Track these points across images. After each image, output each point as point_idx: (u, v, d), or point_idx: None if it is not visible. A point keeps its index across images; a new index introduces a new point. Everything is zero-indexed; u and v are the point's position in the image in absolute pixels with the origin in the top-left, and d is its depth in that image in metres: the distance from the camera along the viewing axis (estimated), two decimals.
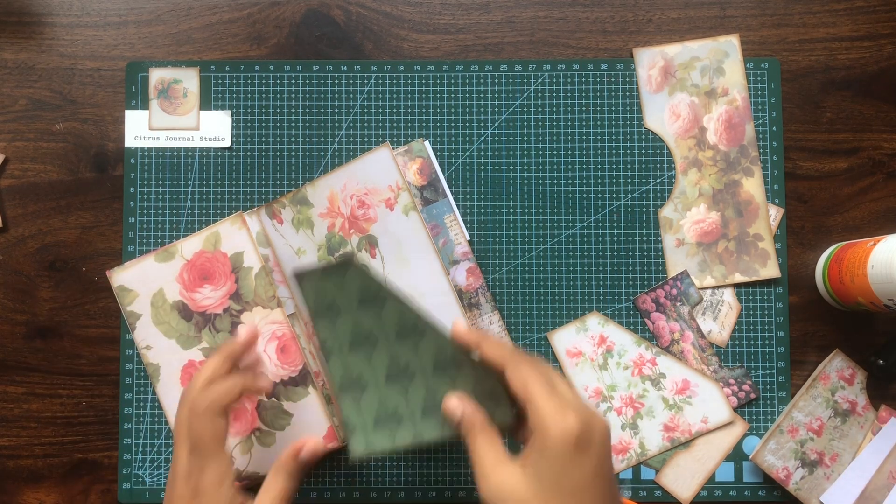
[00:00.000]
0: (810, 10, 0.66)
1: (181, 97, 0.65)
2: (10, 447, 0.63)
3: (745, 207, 0.64)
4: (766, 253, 0.64)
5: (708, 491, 0.63)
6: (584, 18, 0.66)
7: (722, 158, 0.65)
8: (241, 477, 0.62)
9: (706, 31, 0.66)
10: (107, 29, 0.66)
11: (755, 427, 0.64)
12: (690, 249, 0.64)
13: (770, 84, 0.65)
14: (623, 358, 0.64)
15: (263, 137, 0.65)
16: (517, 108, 0.65)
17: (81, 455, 0.64)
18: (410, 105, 0.65)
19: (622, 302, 0.64)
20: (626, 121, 0.65)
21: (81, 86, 0.65)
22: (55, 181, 0.65)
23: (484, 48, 0.66)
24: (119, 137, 0.65)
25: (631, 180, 0.65)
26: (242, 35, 0.66)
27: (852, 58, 0.66)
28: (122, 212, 0.64)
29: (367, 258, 0.63)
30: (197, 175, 0.65)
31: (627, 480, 0.63)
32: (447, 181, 0.64)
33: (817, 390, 0.63)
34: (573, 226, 0.65)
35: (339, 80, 0.65)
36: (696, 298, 0.64)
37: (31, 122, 0.65)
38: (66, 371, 0.64)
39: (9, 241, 0.64)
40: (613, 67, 0.65)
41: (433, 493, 0.63)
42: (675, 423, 0.63)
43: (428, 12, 0.66)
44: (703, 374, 0.64)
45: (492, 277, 0.64)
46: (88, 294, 0.64)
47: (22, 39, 0.65)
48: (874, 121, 0.65)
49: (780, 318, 0.64)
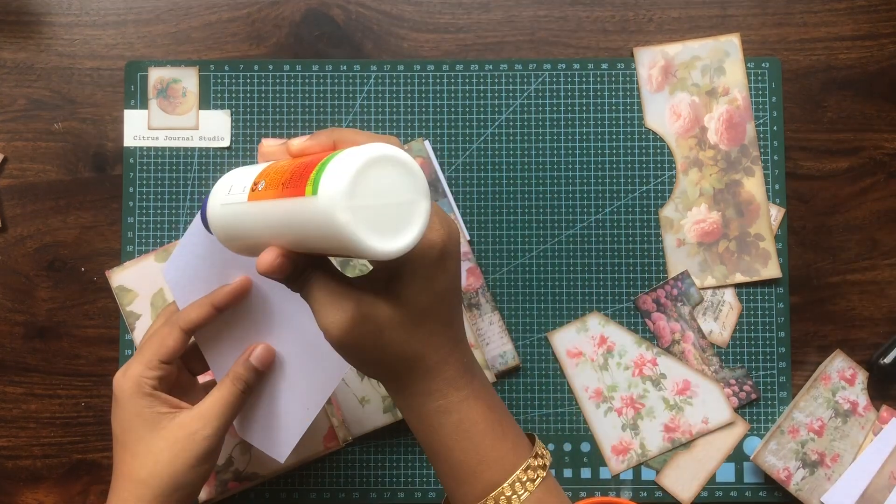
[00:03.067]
0: (811, 10, 0.66)
1: (180, 97, 0.65)
2: (9, 448, 0.63)
3: (746, 207, 0.64)
4: (767, 253, 0.64)
5: (708, 492, 0.63)
6: (584, 18, 0.66)
7: (723, 158, 0.64)
8: (241, 477, 0.62)
9: (707, 31, 0.66)
10: (106, 28, 0.65)
11: (756, 427, 0.64)
12: (691, 249, 0.64)
13: (771, 83, 0.65)
14: (623, 358, 0.64)
15: (263, 137, 0.65)
16: (517, 108, 0.65)
17: (80, 455, 0.64)
18: (410, 105, 0.65)
19: (622, 302, 0.64)
20: (627, 120, 0.65)
21: (80, 85, 0.65)
22: (54, 181, 0.65)
23: (484, 47, 0.66)
24: (118, 137, 0.65)
25: (631, 180, 0.65)
26: (242, 34, 0.66)
27: (853, 57, 0.66)
28: (122, 212, 0.64)
29: None
30: (196, 175, 0.64)
31: (628, 481, 0.63)
32: (447, 181, 0.64)
33: (818, 391, 0.63)
34: (573, 226, 0.64)
35: (339, 79, 0.65)
36: (696, 298, 0.64)
37: (30, 122, 0.65)
38: (65, 371, 0.64)
39: (7, 241, 0.64)
40: (614, 67, 0.65)
41: (433, 494, 0.63)
42: (675, 424, 0.63)
43: (428, 11, 0.66)
44: (703, 375, 0.63)
45: (492, 277, 0.64)
46: (87, 294, 0.64)
47: (21, 39, 0.65)
48: (875, 120, 0.65)
49: (781, 318, 0.64)
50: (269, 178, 0.39)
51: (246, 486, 0.62)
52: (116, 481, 0.50)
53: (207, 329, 0.53)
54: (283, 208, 0.37)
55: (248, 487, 0.62)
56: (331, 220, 0.35)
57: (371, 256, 0.35)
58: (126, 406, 0.50)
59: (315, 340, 0.52)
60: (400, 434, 0.63)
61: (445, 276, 0.41)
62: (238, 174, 0.44)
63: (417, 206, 0.37)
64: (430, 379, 0.42)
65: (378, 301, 0.40)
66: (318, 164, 0.36)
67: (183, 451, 0.49)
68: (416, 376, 0.42)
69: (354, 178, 0.35)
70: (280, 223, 0.38)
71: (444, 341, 0.42)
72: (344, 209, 0.34)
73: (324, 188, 0.35)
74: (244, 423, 0.54)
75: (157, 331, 0.52)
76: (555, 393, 0.63)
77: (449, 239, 0.40)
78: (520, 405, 0.64)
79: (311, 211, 0.35)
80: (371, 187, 0.35)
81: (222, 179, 0.45)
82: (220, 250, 0.51)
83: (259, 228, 0.40)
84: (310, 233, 0.37)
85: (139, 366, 0.50)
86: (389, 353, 0.41)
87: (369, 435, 0.63)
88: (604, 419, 0.63)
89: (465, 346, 0.44)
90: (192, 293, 0.53)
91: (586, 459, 0.63)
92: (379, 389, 0.62)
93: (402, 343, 0.41)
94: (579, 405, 0.63)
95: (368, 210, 0.35)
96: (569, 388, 0.63)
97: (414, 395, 0.43)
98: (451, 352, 0.42)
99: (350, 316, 0.40)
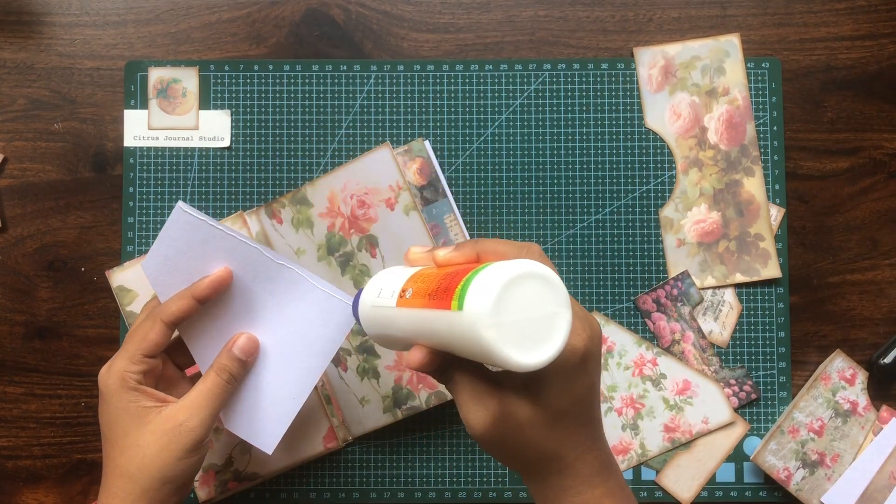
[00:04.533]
0: (811, 10, 0.66)
1: (180, 97, 0.65)
2: (9, 448, 0.63)
3: (746, 207, 0.64)
4: (766, 253, 0.64)
5: (708, 491, 0.63)
6: (584, 18, 0.66)
7: (723, 158, 0.64)
8: (242, 477, 0.62)
9: (707, 31, 0.66)
10: (106, 28, 0.65)
11: (756, 427, 0.64)
12: (691, 249, 0.64)
13: (771, 84, 0.65)
14: (624, 358, 0.64)
15: (263, 137, 0.65)
16: (517, 108, 0.65)
17: (80, 455, 0.64)
18: (410, 105, 0.65)
19: (623, 302, 0.64)
20: (627, 120, 0.65)
21: (80, 85, 0.65)
22: (54, 181, 0.65)
23: (484, 48, 0.66)
24: (118, 137, 0.65)
25: (631, 180, 0.65)
26: (242, 34, 0.66)
27: (853, 57, 0.66)
28: (122, 212, 0.64)
29: (367, 258, 0.62)
30: (196, 175, 0.64)
31: (628, 481, 0.63)
32: (447, 181, 0.64)
33: (818, 391, 0.63)
34: (573, 226, 0.64)
35: (339, 79, 0.65)
36: (696, 298, 0.64)
37: (30, 122, 0.65)
38: (65, 371, 0.64)
39: (8, 241, 0.64)
40: (614, 67, 0.65)
41: (433, 494, 0.63)
42: (675, 424, 0.63)
43: (428, 11, 0.66)
44: (703, 375, 0.63)
45: None
46: (87, 294, 0.64)
47: (21, 39, 0.65)
48: (875, 120, 0.65)
49: (781, 318, 0.64)
50: (416, 287, 0.41)
51: (246, 486, 0.62)
52: (106, 477, 0.50)
53: (191, 322, 0.53)
54: (430, 318, 0.39)
55: (248, 487, 0.62)
56: (475, 336, 0.36)
57: (515, 369, 0.37)
58: (111, 401, 0.50)
59: (298, 329, 0.53)
60: (400, 434, 0.63)
61: (586, 378, 0.42)
62: (387, 276, 0.46)
63: (559, 317, 0.38)
64: (565, 476, 0.43)
65: (519, 400, 0.41)
66: (464, 279, 0.38)
67: (170, 444, 0.49)
68: (552, 472, 0.43)
69: (499, 295, 0.36)
70: (426, 330, 0.40)
71: (581, 440, 0.43)
72: (488, 326, 0.36)
73: (469, 305, 0.36)
74: (230, 415, 0.54)
75: (140, 325, 0.52)
76: None
77: (591, 342, 0.41)
78: None
79: (457, 324, 0.37)
80: (514, 302, 0.36)
81: (373, 280, 0.47)
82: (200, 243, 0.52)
83: (407, 330, 0.42)
84: (454, 342, 0.38)
85: (123, 361, 0.50)
86: (528, 450, 0.42)
87: (369, 435, 0.63)
88: (604, 419, 0.63)
89: (603, 444, 0.44)
90: (173, 286, 0.53)
91: None
92: (379, 390, 0.62)
93: (541, 441, 0.42)
94: None
95: (511, 325, 0.36)
96: None
97: (550, 489, 0.43)
98: (587, 449, 0.43)
99: (492, 413, 0.41)
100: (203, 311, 0.53)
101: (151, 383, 0.51)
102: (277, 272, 0.53)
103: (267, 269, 0.53)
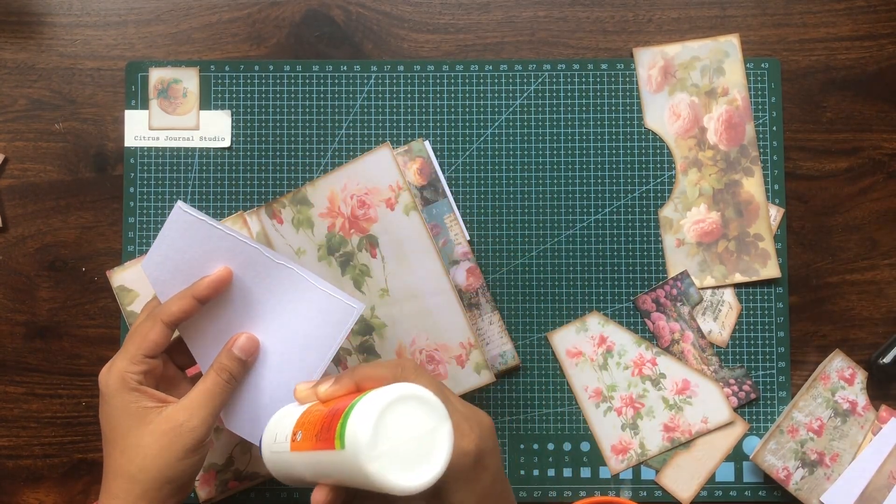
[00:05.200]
0: (810, 10, 0.66)
1: (181, 97, 0.65)
2: (10, 447, 0.63)
3: (746, 207, 0.64)
4: (766, 253, 0.64)
5: (708, 491, 0.63)
6: (584, 18, 0.66)
7: (722, 158, 0.65)
8: (242, 476, 0.62)
9: (706, 31, 0.66)
10: (106, 29, 0.66)
11: (755, 427, 0.64)
12: (691, 249, 0.64)
13: (770, 84, 0.65)
14: (623, 358, 0.64)
15: (263, 137, 0.65)
16: (517, 108, 0.65)
17: (81, 455, 0.64)
18: (410, 105, 0.65)
19: (622, 302, 0.64)
20: (626, 121, 0.65)
21: (81, 86, 0.65)
22: (55, 181, 0.65)
23: (484, 48, 0.66)
24: (119, 137, 0.65)
25: (631, 180, 0.65)
26: (242, 35, 0.66)
27: (852, 58, 0.66)
28: (122, 212, 0.64)
29: (367, 258, 0.63)
30: (197, 175, 0.65)
31: (627, 480, 0.63)
32: (447, 181, 0.64)
33: (817, 390, 0.63)
34: (573, 226, 0.65)
35: (339, 80, 0.65)
36: (696, 298, 0.64)
37: (31, 122, 0.65)
38: (66, 371, 0.64)
39: (8, 241, 0.64)
40: (613, 67, 0.65)
41: None
42: (675, 424, 0.63)
43: (428, 12, 0.66)
44: (703, 375, 0.63)
45: (492, 277, 0.64)
46: (88, 294, 0.64)
47: (21, 39, 0.65)
48: (874, 121, 0.65)
49: (780, 318, 0.64)
50: (304, 429, 0.43)
51: (246, 486, 0.62)
52: (107, 478, 0.50)
53: (191, 322, 0.53)
54: (320, 459, 0.41)
55: (248, 487, 0.62)
56: (360, 471, 0.37)
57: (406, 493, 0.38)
58: (112, 402, 0.50)
59: (299, 329, 0.53)
60: None
61: (486, 474, 0.43)
62: (281, 420, 0.48)
63: (439, 432, 0.39)
64: None
65: None
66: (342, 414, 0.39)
67: (170, 444, 0.49)
68: None
69: (375, 426, 0.37)
70: (322, 470, 0.42)
71: None
72: (369, 460, 0.37)
73: (349, 442, 0.38)
74: (231, 415, 0.54)
75: (140, 325, 0.52)
76: (554, 393, 0.64)
77: (480, 441, 0.42)
78: (520, 405, 0.64)
79: (342, 463, 0.39)
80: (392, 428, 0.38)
81: (271, 423, 0.49)
82: (200, 242, 0.52)
83: (306, 473, 0.44)
84: (345, 478, 0.40)
85: (123, 361, 0.50)
86: None
87: None
88: (603, 419, 0.63)
89: None
90: (173, 286, 0.53)
91: (586, 459, 0.63)
92: None
93: None
94: (579, 405, 0.63)
95: (392, 452, 0.38)
96: (568, 388, 0.64)
97: None
98: None
99: None
100: (203, 311, 0.53)
101: (152, 383, 0.51)
102: (278, 272, 0.53)
103: (267, 268, 0.53)
